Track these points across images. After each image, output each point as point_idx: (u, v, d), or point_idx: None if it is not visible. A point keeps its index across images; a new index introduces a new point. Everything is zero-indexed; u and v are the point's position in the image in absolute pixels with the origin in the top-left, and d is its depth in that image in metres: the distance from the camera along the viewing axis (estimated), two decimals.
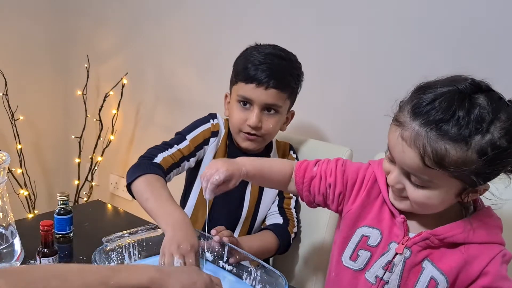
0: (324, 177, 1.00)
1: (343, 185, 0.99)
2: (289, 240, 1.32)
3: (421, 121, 0.80)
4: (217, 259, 1.09)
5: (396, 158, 0.86)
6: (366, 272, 0.95)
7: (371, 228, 0.96)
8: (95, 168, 2.46)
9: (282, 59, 1.24)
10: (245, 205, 1.34)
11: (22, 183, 2.37)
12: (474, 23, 1.33)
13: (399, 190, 0.88)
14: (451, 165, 0.78)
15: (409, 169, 0.83)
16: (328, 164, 1.02)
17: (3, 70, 2.25)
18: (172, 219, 1.06)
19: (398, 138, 0.83)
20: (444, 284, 0.88)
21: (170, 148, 1.26)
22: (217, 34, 1.95)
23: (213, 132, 1.32)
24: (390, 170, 0.89)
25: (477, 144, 0.77)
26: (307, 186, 1.01)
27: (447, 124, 0.77)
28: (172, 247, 0.99)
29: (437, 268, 0.89)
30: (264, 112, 1.25)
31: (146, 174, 1.17)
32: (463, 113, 0.77)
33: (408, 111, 0.82)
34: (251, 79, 1.22)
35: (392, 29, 1.48)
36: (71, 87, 2.54)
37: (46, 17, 2.50)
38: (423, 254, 0.90)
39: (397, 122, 0.85)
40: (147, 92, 2.29)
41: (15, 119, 2.31)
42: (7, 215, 1.07)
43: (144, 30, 2.24)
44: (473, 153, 0.77)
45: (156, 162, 1.22)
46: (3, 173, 1.02)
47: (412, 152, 0.81)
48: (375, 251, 0.95)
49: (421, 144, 0.79)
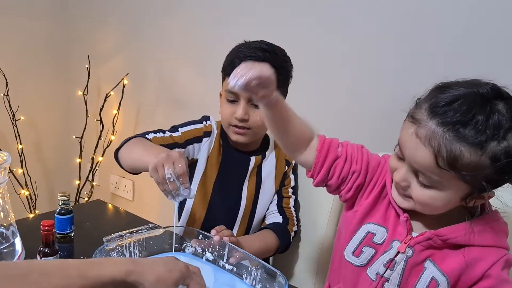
0: (349, 162, 0.96)
1: (365, 177, 0.97)
2: (289, 239, 1.32)
3: (439, 120, 0.79)
4: (218, 259, 1.09)
5: (407, 154, 0.85)
6: (368, 268, 0.95)
7: (377, 226, 0.95)
8: (96, 168, 2.47)
9: (266, 52, 1.25)
10: (242, 202, 1.35)
11: (23, 183, 2.37)
12: (474, 23, 1.33)
13: (404, 187, 0.88)
14: (463, 167, 0.78)
15: (419, 167, 0.83)
16: (352, 148, 0.98)
17: (4, 70, 2.26)
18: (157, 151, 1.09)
19: (412, 134, 0.82)
20: (445, 285, 0.88)
21: (162, 133, 1.31)
22: (218, 34, 1.95)
23: (205, 132, 1.34)
24: (398, 167, 0.88)
25: (492, 150, 0.77)
26: (328, 165, 0.96)
27: (465, 127, 0.77)
28: (161, 156, 1.01)
29: (439, 269, 0.88)
30: (251, 105, 1.26)
31: (133, 138, 1.25)
32: (482, 117, 0.77)
33: (426, 109, 0.82)
34: None
35: (392, 29, 1.48)
36: (72, 88, 2.55)
37: (47, 17, 2.50)
38: (425, 254, 0.90)
39: (412, 119, 0.84)
40: (148, 93, 2.30)
41: (16, 119, 2.32)
42: (8, 215, 1.07)
43: (144, 30, 2.25)
44: (487, 158, 0.77)
45: (146, 137, 1.27)
46: (4, 173, 1.03)
47: (426, 151, 0.80)
48: (379, 249, 0.94)
49: (436, 143, 0.78)
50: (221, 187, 1.35)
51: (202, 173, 1.34)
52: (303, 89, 1.35)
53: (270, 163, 1.37)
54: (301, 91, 1.37)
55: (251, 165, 1.35)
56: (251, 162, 1.35)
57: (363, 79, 1.56)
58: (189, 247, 1.13)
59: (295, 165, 1.39)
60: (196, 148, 1.33)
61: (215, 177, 1.35)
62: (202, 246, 1.12)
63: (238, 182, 1.35)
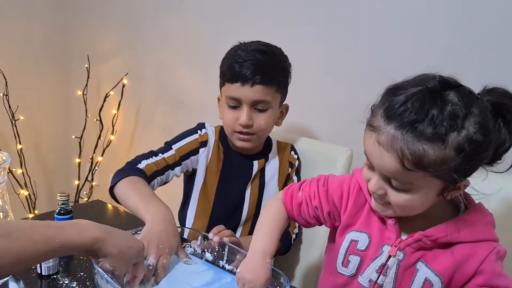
0: (309, 201, 1.00)
1: (329, 204, 0.99)
2: (290, 241, 1.31)
3: (396, 123, 0.78)
4: (217, 259, 1.09)
5: (374, 164, 0.84)
6: (359, 276, 0.94)
7: (358, 232, 0.95)
8: (95, 168, 2.46)
9: (265, 54, 1.23)
10: (245, 207, 1.34)
11: (22, 183, 2.37)
12: (474, 22, 1.33)
13: (381, 196, 0.87)
14: (430, 165, 0.77)
15: (388, 173, 0.82)
16: (311, 186, 1.01)
17: (3, 70, 2.25)
18: (153, 208, 1.09)
19: (375, 143, 0.82)
20: (439, 285, 0.87)
21: (155, 156, 1.28)
22: (218, 34, 1.95)
23: (201, 143, 1.32)
24: (370, 177, 0.88)
25: (454, 141, 0.76)
26: (297, 213, 1.02)
27: (422, 124, 0.76)
28: (151, 245, 1.00)
29: (431, 269, 0.88)
30: (254, 109, 1.24)
31: (128, 176, 1.20)
32: (436, 111, 0.76)
33: (382, 115, 0.81)
34: (236, 78, 1.21)
35: (392, 28, 1.48)
36: (72, 87, 2.55)
37: (46, 17, 2.50)
38: (416, 256, 0.89)
39: (371, 127, 0.83)
40: (147, 92, 2.30)
41: (16, 119, 2.32)
42: (7, 215, 1.07)
43: (144, 30, 2.25)
44: (451, 150, 0.77)
45: (139, 167, 1.24)
46: (3, 173, 1.03)
47: (391, 157, 0.79)
48: (365, 256, 0.94)
49: (399, 147, 0.78)
50: (223, 194, 1.34)
51: (202, 182, 1.33)
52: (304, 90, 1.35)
53: (274, 166, 1.36)
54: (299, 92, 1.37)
55: (255, 169, 1.33)
56: (254, 166, 1.33)
57: (363, 79, 1.56)
58: (188, 247, 1.12)
59: (298, 166, 1.38)
60: (193, 160, 1.32)
61: (216, 184, 1.33)
62: (201, 246, 1.11)
63: (240, 187, 1.34)
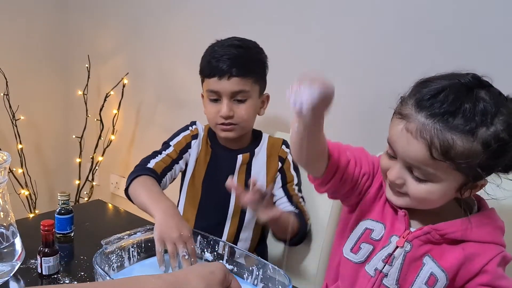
0: (359, 165, 0.96)
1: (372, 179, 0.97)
2: (305, 228, 1.29)
3: (427, 113, 0.80)
4: (217, 259, 1.09)
5: (399, 151, 0.85)
6: (366, 264, 0.95)
7: (375, 222, 0.95)
8: (95, 168, 2.46)
9: (240, 48, 1.30)
10: (231, 200, 1.36)
11: (23, 183, 2.37)
12: (475, 22, 1.33)
13: (399, 185, 0.88)
14: (457, 156, 0.79)
15: (413, 161, 0.83)
16: (355, 151, 0.97)
17: (4, 70, 2.25)
18: (163, 205, 1.13)
19: (403, 130, 0.83)
20: (444, 281, 0.88)
21: (159, 154, 1.35)
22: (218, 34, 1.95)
23: (193, 136, 1.39)
24: (390, 166, 0.89)
25: (482, 135, 0.79)
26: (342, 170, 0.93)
27: (454, 116, 0.79)
28: (174, 234, 1.04)
29: (438, 265, 0.89)
30: (234, 100, 1.30)
31: (139, 176, 1.27)
32: (469, 105, 0.79)
33: (412, 104, 0.83)
34: (213, 72, 1.29)
35: (393, 28, 1.48)
36: (72, 87, 2.54)
37: (47, 17, 2.50)
38: (423, 249, 0.90)
39: (400, 115, 0.85)
40: (148, 92, 2.29)
41: (16, 119, 2.31)
42: (8, 215, 1.07)
43: (144, 30, 2.24)
44: (478, 144, 0.79)
45: (149, 167, 1.31)
46: (4, 173, 1.02)
47: (419, 144, 0.81)
48: (377, 245, 0.95)
49: (428, 135, 0.79)
50: (210, 186, 1.38)
51: (191, 174, 1.39)
52: None
53: (261, 160, 1.38)
54: None
55: (238, 162, 1.37)
56: (238, 159, 1.37)
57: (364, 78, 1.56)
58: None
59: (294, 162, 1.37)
60: (190, 153, 1.38)
61: (203, 176, 1.38)
62: (201, 246, 1.12)
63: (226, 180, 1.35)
